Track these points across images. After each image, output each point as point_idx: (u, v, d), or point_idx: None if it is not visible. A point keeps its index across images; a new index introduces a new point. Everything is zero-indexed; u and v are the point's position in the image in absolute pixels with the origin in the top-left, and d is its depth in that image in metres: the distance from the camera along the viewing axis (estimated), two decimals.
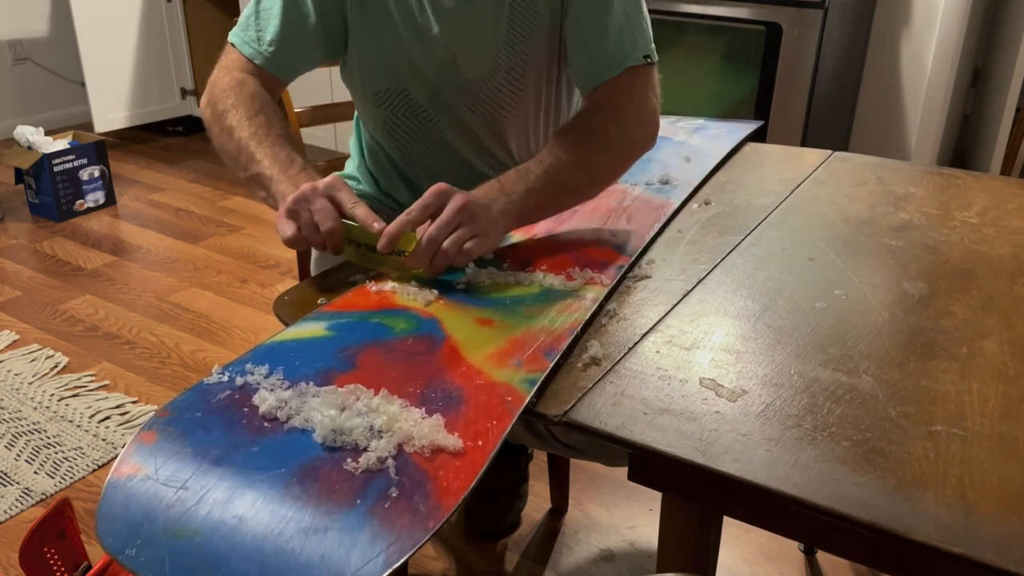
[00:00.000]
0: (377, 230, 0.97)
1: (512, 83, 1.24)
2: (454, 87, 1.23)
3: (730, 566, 1.57)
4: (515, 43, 1.21)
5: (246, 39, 1.19)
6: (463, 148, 1.30)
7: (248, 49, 1.19)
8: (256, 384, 0.79)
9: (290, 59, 1.21)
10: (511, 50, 1.21)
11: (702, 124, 1.60)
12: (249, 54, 1.18)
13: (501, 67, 1.22)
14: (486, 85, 1.23)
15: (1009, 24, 3.02)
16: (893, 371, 0.82)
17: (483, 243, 1.00)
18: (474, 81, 1.22)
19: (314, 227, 0.98)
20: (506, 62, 1.22)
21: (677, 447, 0.71)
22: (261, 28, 1.19)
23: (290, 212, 0.98)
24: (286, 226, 0.98)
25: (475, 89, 1.23)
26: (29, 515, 1.70)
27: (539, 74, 1.25)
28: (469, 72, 1.22)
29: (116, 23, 3.70)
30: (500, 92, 1.24)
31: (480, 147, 1.30)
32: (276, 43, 1.18)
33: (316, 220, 0.97)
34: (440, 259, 0.98)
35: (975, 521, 0.63)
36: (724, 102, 2.61)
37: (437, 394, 0.78)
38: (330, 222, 0.97)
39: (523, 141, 1.33)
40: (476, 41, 1.20)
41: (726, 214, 1.20)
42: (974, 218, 1.18)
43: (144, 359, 2.28)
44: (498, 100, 1.25)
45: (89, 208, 3.27)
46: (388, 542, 0.61)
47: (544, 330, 0.88)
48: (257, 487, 0.66)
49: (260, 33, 1.19)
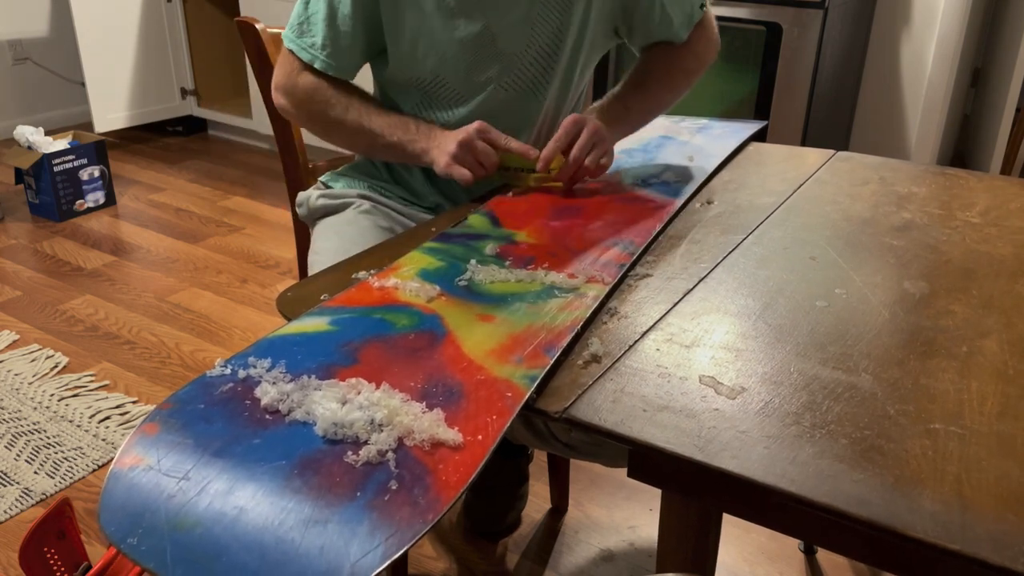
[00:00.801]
0: (534, 155, 1.24)
1: (544, 59, 1.31)
2: (488, 64, 1.29)
3: (730, 566, 1.57)
4: (549, 16, 1.28)
5: (302, 45, 1.29)
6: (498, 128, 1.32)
7: (306, 55, 1.29)
8: (258, 377, 0.79)
9: (343, 60, 1.30)
10: (545, 23, 1.28)
11: (706, 124, 1.60)
12: (307, 59, 1.29)
13: (535, 41, 1.29)
14: (520, 60, 1.30)
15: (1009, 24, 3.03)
16: (892, 369, 0.82)
17: (609, 158, 1.28)
18: (508, 56, 1.29)
19: (479, 166, 1.22)
20: (540, 36, 1.29)
21: (676, 444, 0.71)
22: (313, 34, 1.29)
23: (456, 158, 1.21)
24: (459, 172, 1.21)
25: (508, 65, 1.30)
26: (29, 515, 1.70)
27: (568, 50, 1.33)
28: (504, 46, 1.28)
29: (116, 23, 3.70)
30: (532, 68, 1.31)
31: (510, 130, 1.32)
32: (326, 47, 1.28)
33: (480, 160, 1.22)
34: (582, 173, 1.26)
35: (972, 518, 0.63)
36: (724, 102, 2.61)
37: (438, 389, 0.78)
38: (493, 158, 1.23)
39: (550, 125, 1.39)
40: (512, 13, 1.27)
41: (728, 213, 1.21)
42: (976, 218, 1.19)
43: (144, 359, 2.28)
44: (529, 77, 1.32)
45: (89, 208, 3.27)
46: (387, 534, 0.61)
47: (545, 327, 0.88)
48: (258, 479, 0.66)
49: (313, 39, 1.29)
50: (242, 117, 3.92)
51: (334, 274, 1.05)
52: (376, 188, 1.40)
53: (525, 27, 1.28)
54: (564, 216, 1.19)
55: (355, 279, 1.01)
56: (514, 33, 1.28)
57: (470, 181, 1.21)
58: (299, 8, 1.30)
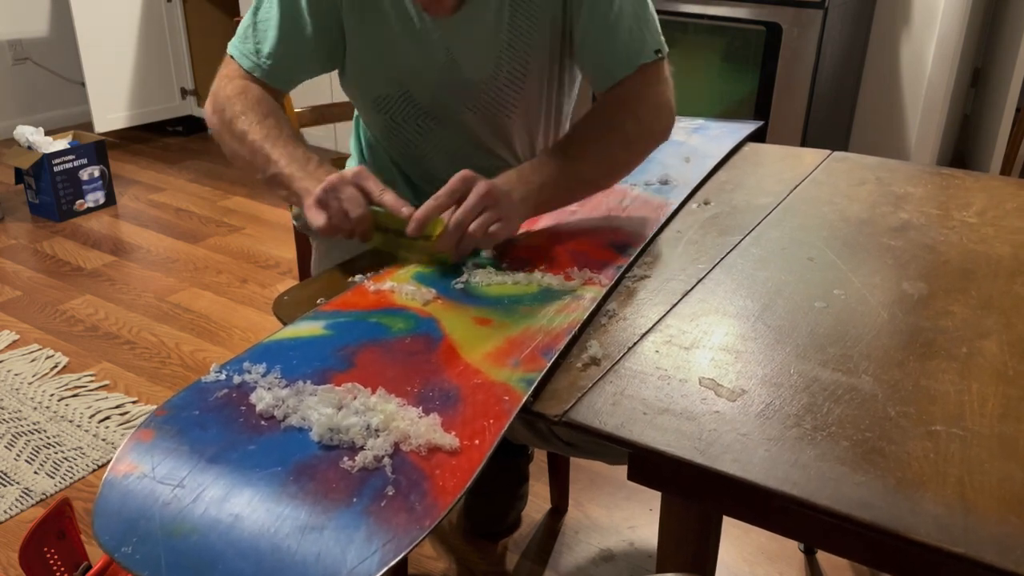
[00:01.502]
0: (406, 215, 1.02)
1: (514, 83, 1.24)
2: (455, 89, 1.23)
3: (730, 566, 1.57)
4: (516, 42, 1.21)
5: (245, 51, 1.21)
6: (465, 148, 1.29)
7: (247, 62, 1.20)
8: (253, 383, 0.79)
9: (288, 71, 1.22)
10: (512, 50, 1.21)
11: (702, 124, 1.60)
12: (248, 67, 1.20)
13: (503, 67, 1.22)
14: (488, 86, 1.23)
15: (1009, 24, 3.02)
16: (893, 371, 0.81)
17: (506, 227, 1.04)
18: (476, 82, 1.22)
19: (344, 215, 1.01)
20: (508, 62, 1.22)
21: (677, 447, 0.71)
22: (259, 40, 1.20)
23: (319, 202, 1.01)
24: (317, 215, 1.01)
25: (477, 90, 1.23)
26: (29, 515, 1.70)
27: (541, 72, 1.26)
28: (471, 73, 1.22)
29: (116, 23, 3.70)
30: (502, 92, 1.24)
31: (482, 147, 1.30)
32: (274, 56, 1.20)
33: (345, 208, 1.01)
34: (467, 242, 1.02)
35: (974, 521, 0.62)
36: (724, 102, 2.61)
37: (434, 393, 0.78)
38: (360, 209, 1.01)
39: (526, 139, 1.33)
40: (477, 43, 1.20)
41: (725, 214, 1.20)
42: (973, 218, 1.18)
43: (144, 359, 2.28)
44: (500, 100, 1.25)
45: (89, 208, 3.27)
46: (384, 540, 0.61)
47: (542, 330, 0.88)
48: (254, 485, 0.66)
49: (258, 45, 1.20)
50: None
51: (330, 278, 1.05)
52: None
53: (491, 58, 1.21)
54: (561, 218, 1.18)
55: (351, 283, 1.01)
56: (479, 62, 1.21)
57: (325, 229, 1.01)
58: (247, 18, 1.22)
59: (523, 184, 1.08)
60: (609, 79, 1.19)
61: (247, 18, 1.22)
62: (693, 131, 1.55)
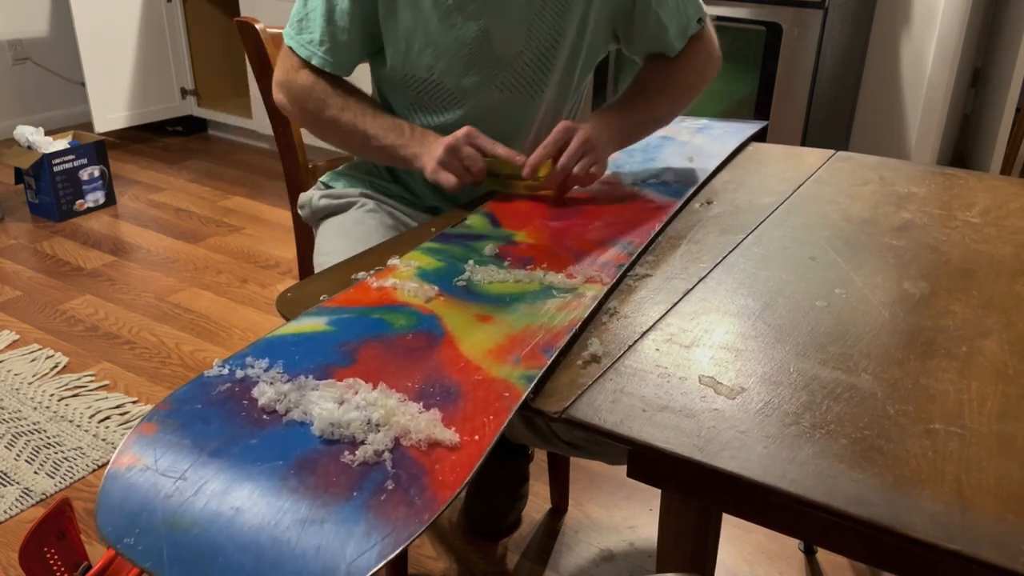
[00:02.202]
0: (521, 161, 1.21)
1: (541, 60, 1.30)
2: (484, 64, 1.28)
3: (730, 566, 1.57)
4: (547, 18, 1.28)
5: (301, 42, 1.29)
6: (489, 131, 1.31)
7: (304, 51, 1.29)
8: (256, 377, 0.79)
9: (341, 57, 1.29)
10: (543, 24, 1.28)
11: (706, 124, 1.60)
12: (305, 55, 1.29)
13: (533, 42, 1.28)
14: (516, 61, 1.29)
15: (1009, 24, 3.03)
16: (892, 369, 0.81)
17: (601, 168, 1.24)
18: (505, 57, 1.28)
19: (466, 171, 1.20)
20: (537, 38, 1.28)
21: (676, 444, 0.71)
22: (311, 30, 1.29)
23: (443, 163, 1.20)
24: (445, 176, 1.19)
25: (505, 65, 1.29)
26: (29, 515, 1.70)
27: (569, 52, 1.32)
28: (501, 47, 1.27)
29: (116, 23, 3.70)
30: (528, 69, 1.30)
31: (507, 130, 1.33)
32: (324, 42, 1.28)
33: (467, 164, 1.20)
34: (570, 182, 1.23)
35: (972, 519, 0.63)
36: (724, 102, 2.61)
37: (435, 389, 0.78)
38: (480, 163, 1.20)
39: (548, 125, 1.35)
40: (509, 14, 1.26)
41: (728, 213, 1.20)
42: (976, 218, 1.18)
43: (144, 359, 2.28)
44: (527, 78, 1.31)
45: (89, 208, 3.27)
46: (383, 534, 0.61)
47: (543, 327, 0.88)
48: (255, 479, 0.66)
49: (311, 35, 1.29)
50: (242, 117, 3.91)
51: (333, 274, 1.05)
52: (377, 187, 1.40)
53: (522, 28, 1.27)
54: (563, 216, 1.18)
55: (354, 279, 1.01)
56: (511, 34, 1.27)
57: (456, 187, 1.19)
58: (298, 6, 1.30)
59: (609, 128, 1.27)
60: (683, 37, 1.35)
61: (298, 7, 1.29)
62: (697, 131, 1.56)
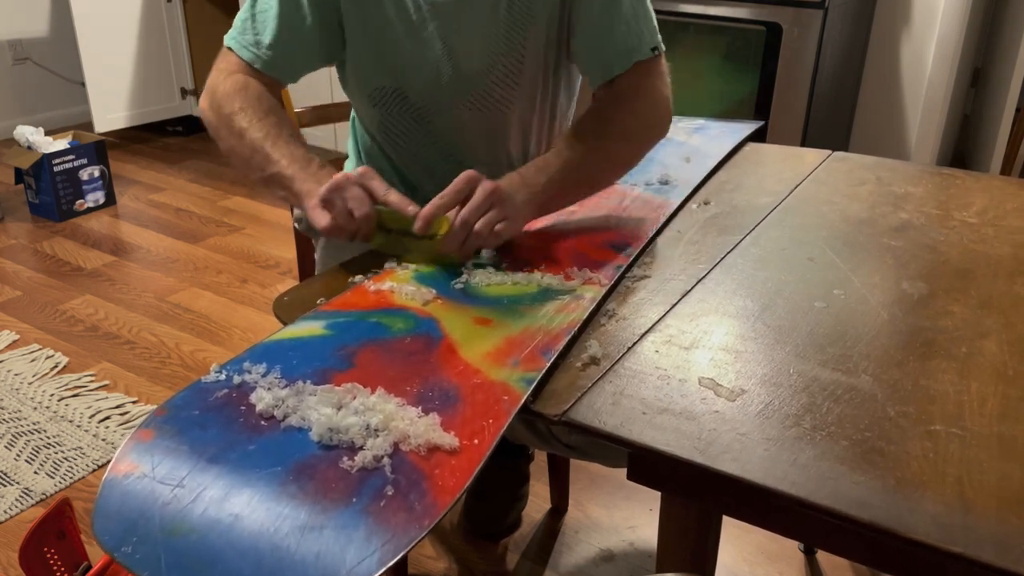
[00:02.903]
0: (412, 213, 1.02)
1: (509, 78, 1.24)
2: (450, 83, 1.23)
3: (730, 566, 1.57)
4: (513, 37, 1.21)
5: (244, 43, 1.19)
6: (460, 147, 1.29)
7: (247, 53, 1.18)
8: (253, 383, 0.79)
9: (289, 61, 1.20)
10: (509, 44, 1.21)
11: (702, 124, 1.60)
12: (248, 58, 1.18)
13: (499, 62, 1.22)
14: (483, 80, 1.23)
15: (1009, 24, 3.02)
16: (892, 371, 0.81)
17: (511, 226, 1.05)
18: (471, 77, 1.22)
19: (348, 214, 1.01)
20: (504, 57, 1.22)
21: (676, 446, 0.71)
22: (259, 31, 1.18)
23: (324, 202, 1.01)
24: (320, 215, 1.01)
25: (472, 85, 1.23)
26: (29, 515, 1.70)
27: (536, 69, 1.25)
28: (466, 67, 1.21)
29: (116, 23, 3.70)
30: (497, 87, 1.24)
31: (478, 146, 1.29)
32: (274, 46, 1.18)
33: (350, 207, 1.01)
34: (473, 240, 1.03)
35: (974, 520, 0.63)
36: (724, 102, 2.60)
37: (434, 393, 0.78)
38: (364, 208, 1.01)
39: (520, 139, 1.32)
40: (473, 36, 1.20)
41: (725, 214, 1.20)
42: (973, 218, 1.18)
43: (144, 359, 2.28)
44: (495, 96, 1.25)
45: (89, 208, 3.27)
46: (383, 540, 0.61)
47: (542, 330, 0.88)
48: (253, 485, 0.66)
49: (258, 36, 1.18)
50: None
51: (330, 278, 1.05)
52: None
53: (486, 47, 1.20)
54: (560, 218, 1.18)
55: (351, 283, 1.01)
56: (475, 53, 1.21)
57: (330, 228, 1.01)
58: (245, 9, 1.21)
59: (527, 185, 1.08)
60: (605, 75, 1.20)
61: (245, 10, 1.20)
62: (693, 131, 1.55)
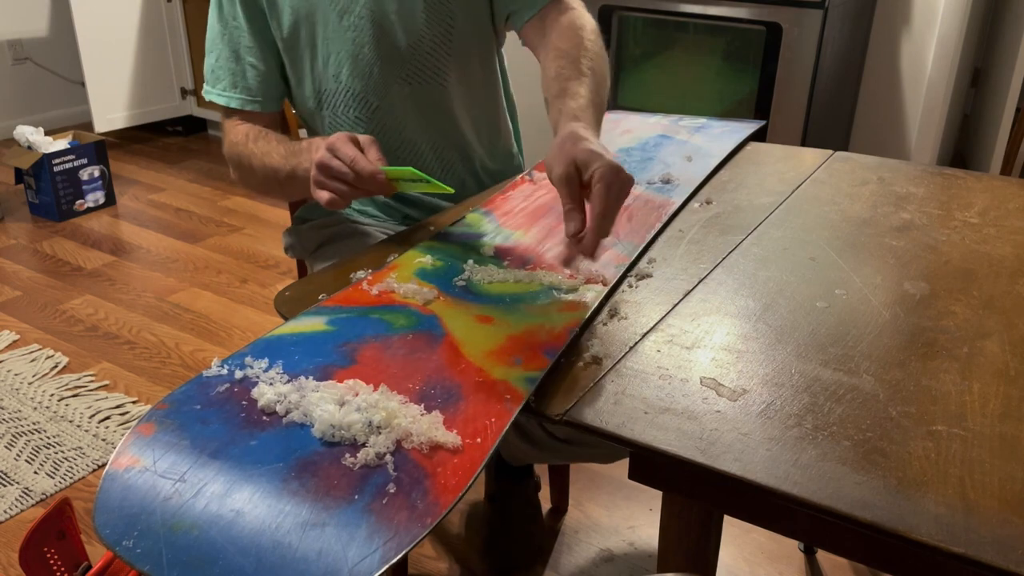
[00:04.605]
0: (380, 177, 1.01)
1: (440, 48, 1.30)
2: (386, 60, 1.27)
3: (730, 566, 1.57)
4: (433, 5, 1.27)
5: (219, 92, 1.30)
6: (409, 129, 1.33)
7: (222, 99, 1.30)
8: (255, 378, 0.79)
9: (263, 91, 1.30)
10: (430, 12, 1.27)
11: (704, 123, 1.60)
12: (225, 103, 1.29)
13: (426, 32, 1.27)
14: (416, 52, 1.28)
15: (1009, 24, 3.02)
16: (894, 371, 0.81)
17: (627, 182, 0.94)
18: (404, 50, 1.28)
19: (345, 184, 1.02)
20: (429, 27, 1.27)
21: (678, 446, 0.71)
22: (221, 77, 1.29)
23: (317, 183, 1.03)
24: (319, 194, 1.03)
25: (407, 59, 1.28)
26: (29, 515, 1.70)
27: (468, 38, 1.31)
28: (398, 39, 1.27)
29: (116, 23, 3.70)
30: (430, 59, 1.29)
31: (427, 126, 1.33)
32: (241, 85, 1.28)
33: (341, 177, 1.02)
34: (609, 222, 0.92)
35: (976, 521, 0.62)
36: (724, 102, 2.60)
37: (436, 391, 0.78)
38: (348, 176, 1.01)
39: (468, 119, 1.37)
40: (398, 6, 1.25)
41: (727, 213, 1.20)
42: (975, 218, 1.18)
43: (144, 359, 2.27)
44: (431, 68, 1.30)
45: (89, 208, 3.27)
46: (385, 538, 0.61)
47: (544, 328, 0.88)
48: (255, 481, 0.66)
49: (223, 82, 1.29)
50: None
51: (332, 273, 1.05)
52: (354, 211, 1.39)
53: (413, 17, 1.26)
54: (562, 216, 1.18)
55: (353, 279, 1.01)
56: (404, 24, 1.27)
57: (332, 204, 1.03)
58: (207, 62, 1.31)
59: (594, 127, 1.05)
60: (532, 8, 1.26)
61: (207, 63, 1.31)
62: (695, 130, 1.55)
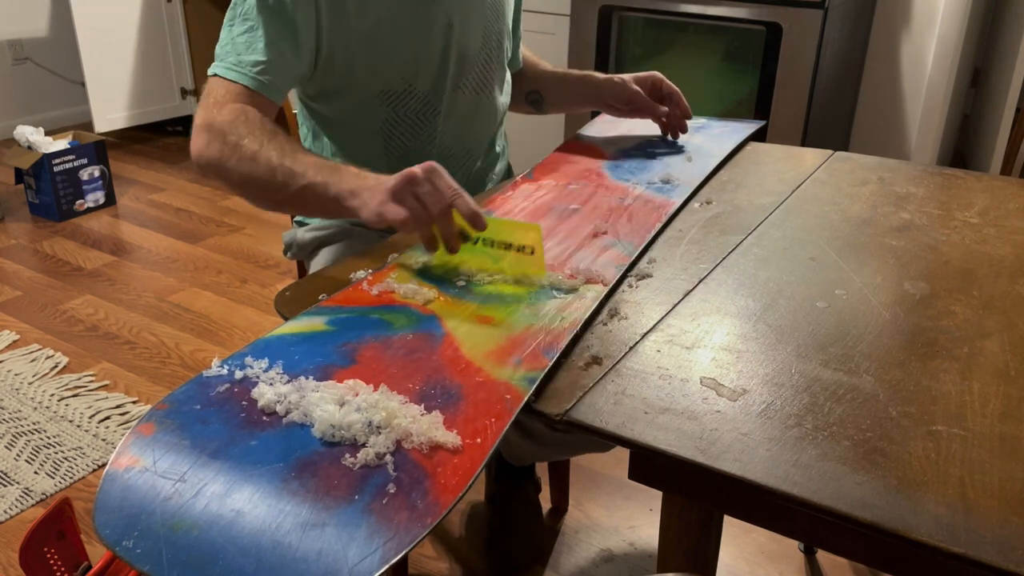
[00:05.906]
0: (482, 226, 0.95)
1: (492, 57, 1.37)
2: (454, 62, 1.31)
3: (730, 566, 1.57)
4: (495, 16, 1.36)
5: (230, 64, 1.16)
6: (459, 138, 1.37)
7: (234, 74, 1.15)
8: (255, 378, 0.79)
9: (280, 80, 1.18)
10: (494, 23, 1.35)
11: (704, 123, 1.60)
12: (241, 80, 1.14)
13: (491, 38, 1.35)
14: (477, 58, 1.34)
15: (1009, 24, 3.02)
16: (894, 371, 0.81)
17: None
18: (469, 55, 1.33)
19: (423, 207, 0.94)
20: (490, 36, 1.35)
21: (678, 446, 0.71)
22: (240, 53, 1.16)
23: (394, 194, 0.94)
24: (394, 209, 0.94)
25: (469, 64, 1.34)
26: (29, 515, 1.70)
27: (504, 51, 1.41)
28: (465, 41, 1.31)
29: (116, 23, 3.70)
30: (485, 66, 1.36)
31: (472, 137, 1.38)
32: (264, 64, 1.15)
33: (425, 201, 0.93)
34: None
35: (976, 521, 0.62)
36: (724, 102, 2.60)
37: (436, 391, 0.78)
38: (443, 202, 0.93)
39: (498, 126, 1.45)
40: (472, 9, 1.31)
41: (727, 213, 1.20)
42: (975, 218, 1.18)
43: (144, 359, 2.27)
44: (484, 79, 1.36)
45: (89, 208, 3.27)
46: (385, 538, 0.61)
47: (544, 328, 0.88)
48: (255, 481, 0.66)
49: (240, 57, 1.16)
50: None
51: (332, 274, 1.05)
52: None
53: (480, 25, 1.32)
54: (563, 216, 1.18)
55: (352, 279, 1.01)
56: (472, 27, 1.32)
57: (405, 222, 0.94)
58: (226, 35, 1.19)
59: None
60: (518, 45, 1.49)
61: (224, 37, 1.19)
62: (695, 130, 1.55)
